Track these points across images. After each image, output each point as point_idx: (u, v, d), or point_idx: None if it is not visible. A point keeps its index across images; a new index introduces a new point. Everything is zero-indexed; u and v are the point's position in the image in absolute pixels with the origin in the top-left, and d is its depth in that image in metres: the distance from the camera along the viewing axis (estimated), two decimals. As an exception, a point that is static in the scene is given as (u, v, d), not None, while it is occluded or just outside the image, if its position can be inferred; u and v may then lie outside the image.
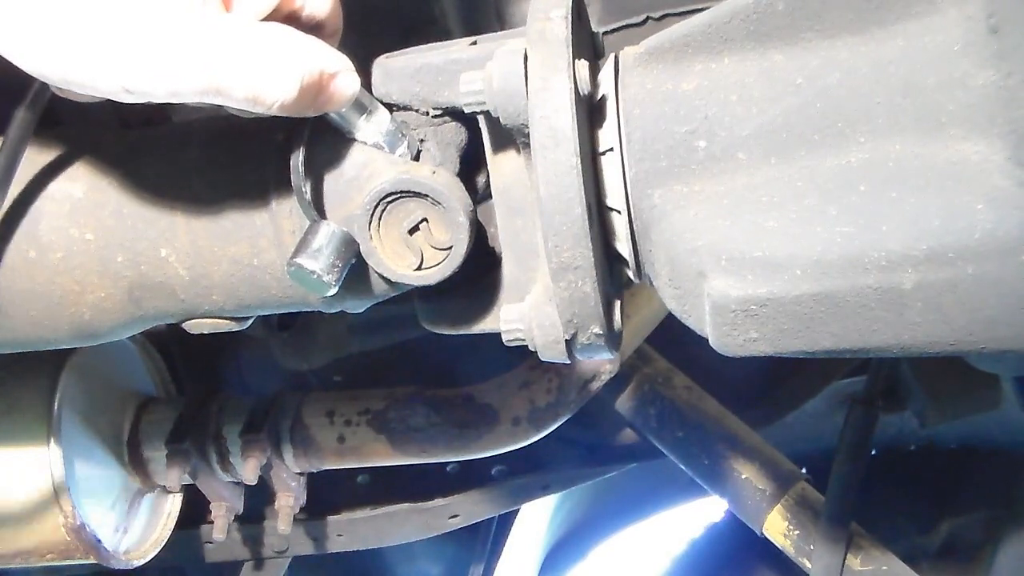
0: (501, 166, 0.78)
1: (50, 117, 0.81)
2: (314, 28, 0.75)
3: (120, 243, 0.83)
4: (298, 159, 0.77)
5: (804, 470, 1.58)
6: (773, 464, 1.55)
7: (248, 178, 0.82)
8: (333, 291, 0.76)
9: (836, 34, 0.69)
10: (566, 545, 2.67)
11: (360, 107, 0.77)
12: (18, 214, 0.84)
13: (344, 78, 0.72)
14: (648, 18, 1.14)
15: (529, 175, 0.76)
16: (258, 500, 1.68)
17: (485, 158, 0.79)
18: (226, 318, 0.89)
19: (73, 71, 0.65)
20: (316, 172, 0.79)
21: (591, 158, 0.74)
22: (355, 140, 0.79)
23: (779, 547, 1.54)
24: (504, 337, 0.79)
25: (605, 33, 1.15)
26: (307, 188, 0.77)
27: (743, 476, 1.54)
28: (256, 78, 0.67)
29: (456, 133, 0.80)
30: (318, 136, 0.79)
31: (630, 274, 0.80)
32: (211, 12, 0.67)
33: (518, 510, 2.01)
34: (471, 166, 0.82)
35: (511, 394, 1.47)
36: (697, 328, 0.73)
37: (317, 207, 0.78)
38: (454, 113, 0.79)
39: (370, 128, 0.78)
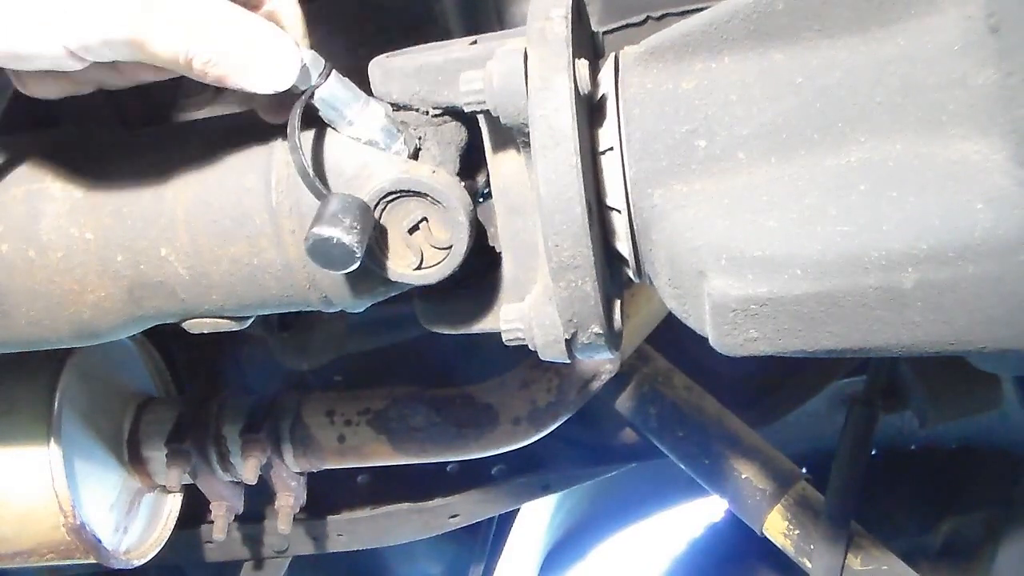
0: (501, 166, 0.78)
1: (49, 117, 0.81)
2: None
3: (120, 243, 0.83)
4: (295, 138, 0.75)
5: (804, 470, 1.58)
6: (773, 464, 1.55)
7: (248, 178, 0.82)
8: (357, 261, 0.72)
9: (836, 34, 0.69)
10: (566, 545, 2.67)
11: (356, 103, 0.77)
12: (18, 214, 0.84)
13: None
14: (648, 18, 1.14)
15: (529, 175, 0.76)
16: (258, 500, 1.68)
17: (485, 158, 0.79)
18: (226, 318, 0.89)
19: (14, 38, 0.66)
20: (315, 171, 0.79)
21: (591, 157, 0.74)
22: (352, 138, 0.79)
23: (779, 547, 1.54)
24: (504, 337, 0.79)
25: (605, 33, 1.15)
26: (308, 163, 0.75)
27: (743, 476, 1.54)
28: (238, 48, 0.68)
29: (456, 132, 0.80)
30: (316, 134, 0.79)
31: (630, 274, 0.80)
32: None
33: (518, 510, 2.01)
34: (471, 166, 0.82)
35: (511, 394, 1.47)
36: (697, 328, 0.73)
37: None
38: (454, 112, 0.79)
39: (364, 124, 0.78)
